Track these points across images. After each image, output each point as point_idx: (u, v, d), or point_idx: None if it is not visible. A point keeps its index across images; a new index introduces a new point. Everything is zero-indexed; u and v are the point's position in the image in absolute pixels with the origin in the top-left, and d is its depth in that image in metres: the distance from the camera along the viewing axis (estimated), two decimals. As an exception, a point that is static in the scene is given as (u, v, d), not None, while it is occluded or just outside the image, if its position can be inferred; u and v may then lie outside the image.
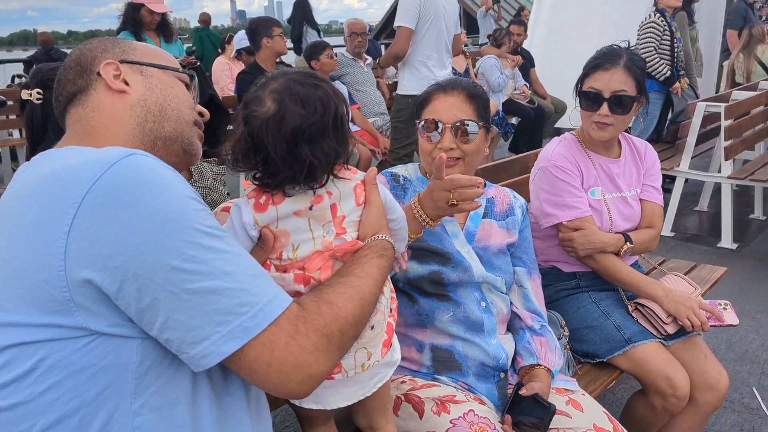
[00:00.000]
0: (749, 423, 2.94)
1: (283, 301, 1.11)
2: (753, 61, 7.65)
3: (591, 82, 2.29)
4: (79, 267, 0.99)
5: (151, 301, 1.01)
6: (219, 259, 1.05)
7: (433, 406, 1.77)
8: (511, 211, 2.08)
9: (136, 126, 1.27)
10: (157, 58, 1.37)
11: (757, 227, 5.70)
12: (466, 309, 1.89)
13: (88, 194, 1.00)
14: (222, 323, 1.04)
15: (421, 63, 4.86)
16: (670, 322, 2.24)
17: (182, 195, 1.05)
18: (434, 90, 1.96)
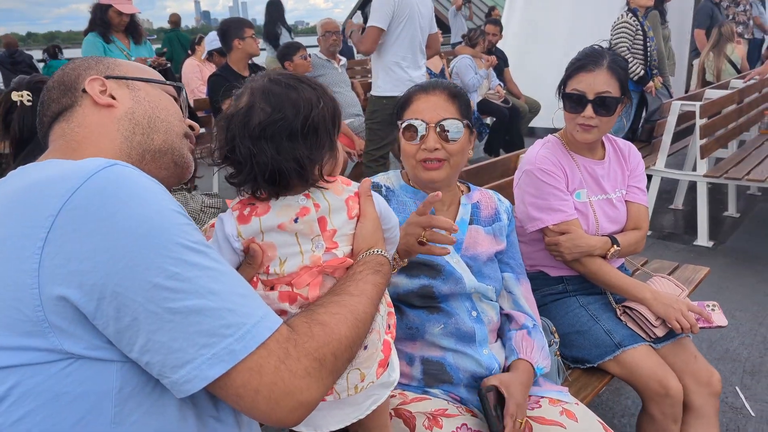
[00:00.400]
0: (734, 423, 2.93)
1: (272, 322, 1.04)
2: (723, 60, 7.75)
3: (574, 84, 2.25)
4: (54, 284, 0.92)
5: (130, 321, 0.94)
6: (204, 277, 0.98)
7: (424, 420, 1.71)
8: (497, 217, 2.03)
9: (123, 140, 1.22)
10: (143, 72, 1.33)
11: (732, 224, 5.75)
12: (458, 320, 1.84)
13: (64, 207, 0.94)
14: (206, 345, 0.96)
15: (396, 64, 4.83)
16: (659, 325, 2.21)
17: (165, 208, 0.99)
18: (415, 91, 1.91)
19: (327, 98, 1.28)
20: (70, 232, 0.93)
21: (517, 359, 1.88)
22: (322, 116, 1.24)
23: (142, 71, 1.34)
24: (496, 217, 2.03)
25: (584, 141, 2.29)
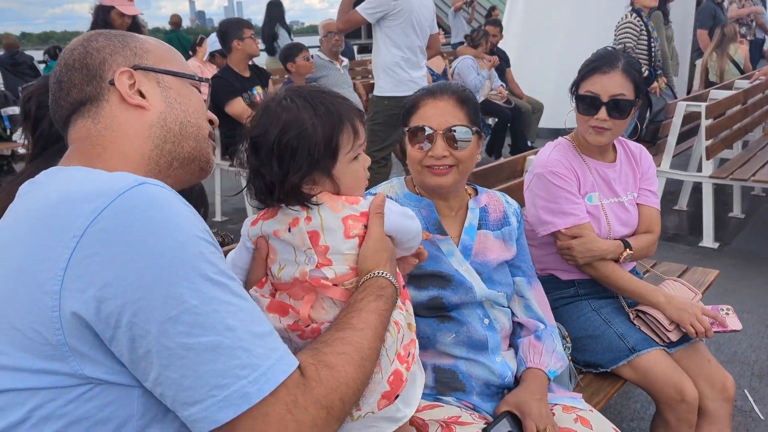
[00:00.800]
0: (743, 426, 2.91)
1: (287, 365, 0.99)
2: (726, 60, 7.74)
3: (588, 86, 2.22)
4: (74, 307, 0.90)
5: (144, 353, 0.92)
6: (222, 311, 0.94)
7: (437, 428, 1.68)
8: (506, 221, 2.00)
9: (153, 147, 1.16)
10: (172, 62, 1.24)
11: (737, 225, 5.72)
12: (470, 328, 1.81)
13: (89, 228, 0.91)
14: (218, 386, 0.92)
15: (396, 64, 4.81)
16: (673, 329, 2.19)
17: (191, 235, 0.96)
18: (423, 95, 1.86)
19: (327, 123, 1.27)
20: (94, 255, 0.90)
21: (526, 369, 1.86)
22: (306, 138, 1.24)
23: (171, 61, 1.24)
24: (505, 221, 1.99)
25: (597, 143, 2.26)
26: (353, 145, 1.30)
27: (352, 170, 1.32)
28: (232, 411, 0.93)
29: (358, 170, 1.34)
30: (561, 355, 1.92)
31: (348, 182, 1.32)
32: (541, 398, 1.76)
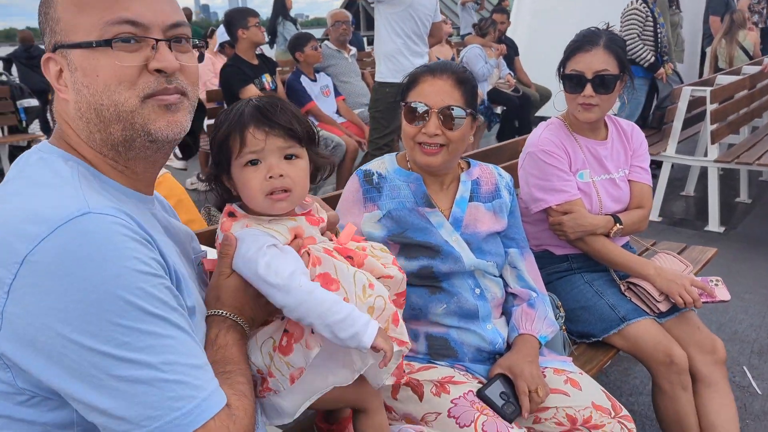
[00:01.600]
0: (740, 401, 2.96)
1: (220, 397, 1.02)
2: (735, 47, 7.73)
3: (573, 65, 2.29)
4: (11, 330, 0.93)
5: (76, 383, 0.94)
6: (158, 346, 0.95)
7: (432, 387, 1.77)
8: (498, 193, 2.04)
9: (88, 140, 1.10)
10: (80, 25, 1.05)
11: (743, 210, 5.74)
12: (460, 299, 1.87)
13: (27, 257, 0.91)
14: (151, 417, 0.94)
15: (398, 52, 4.83)
16: (662, 300, 2.25)
17: (128, 269, 0.94)
18: (423, 72, 1.89)
19: (227, 125, 1.33)
20: (30, 286, 0.92)
21: (518, 335, 1.92)
22: (215, 136, 1.35)
23: (77, 25, 1.05)
24: (497, 194, 2.03)
25: (586, 120, 2.32)
26: (240, 151, 1.30)
27: (241, 179, 1.33)
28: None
29: (248, 180, 1.31)
30: (552, 321, 1.99)
31: (240, 189, 1.34)
32: (532, 361, 1.84)
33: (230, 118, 1.32)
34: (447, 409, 1.71)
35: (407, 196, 1.91)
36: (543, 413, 1.79)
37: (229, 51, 7.23)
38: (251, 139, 1.30)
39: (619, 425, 1.77)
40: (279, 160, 1.31)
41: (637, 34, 5.95)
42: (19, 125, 7.93)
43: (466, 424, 1.66)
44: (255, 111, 1.32)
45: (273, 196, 1.31)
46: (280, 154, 1.32)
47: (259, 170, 1.31)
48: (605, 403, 1.80)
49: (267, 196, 1.31)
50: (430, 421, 1.73)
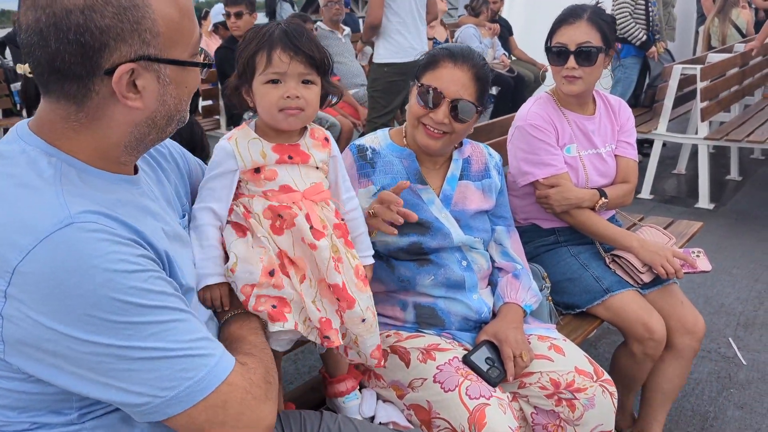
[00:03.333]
0: (725, 371, 3.04)
1: (228, 361, 1.10)
2: (728, 25, 7.74)
3: (557, 38, 2.34)
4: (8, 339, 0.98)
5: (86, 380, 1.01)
6: (162, 332, 1.02)
7: (418, 355, 1.83)
8: (487, 173, 2.08)
9: (133, 139, 1.13)
10: (180, 43, 1.10)
11: (733, 188, 5.81)
12: (447, 270, 1.92)
13: (18, 267, 0.96)
14: (167, 389, 1.02)
15: (396, 31, 4.84)
16: (645, 272, 2.31)
17: (117, 272, 0.99)
18: (445, 56, 1.87)
19: (254, 43, 1.50)
20: (25, 293, 0.96)
21: (503, 304, 1.98)
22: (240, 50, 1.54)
23: (179, 42, 1.10)
24: (486, 173, 2.08)
25: (570, 92, 2.37)
26: (264, 69, 1.47)
27: (260, 92, 1.49)
28: (180, 407, 1.03)
29: (267, 94, 1.48)
30: (536, 292, 2.05)
31: (257, 101, 1.51)
32: (517, 327, 1.90)
33: (259, 36, 1.49)
34: (432, 375, 1.76)
35: (400, 171, 1.94)
36: (527, 378, 1.85)
37: (223, 32, 7.24)
38: (277, 60, 1.46)
39: (601, 388, 1.84)
40: (297, 83, 1.48)
41: (629, 13, 5.96)
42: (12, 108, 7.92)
43: (451, 388, 1.72)
44: (283, 35, 1.47)
45: (286, 111, 1.48)
46: (299, 79, 1.48)
47: (278, 89, 1.48)
48: (587, 368, 1.86)
49: (280, 111, 1.48)
50: (417, 387, 1.79)
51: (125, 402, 1.03)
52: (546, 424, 1.86)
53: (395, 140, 2.00)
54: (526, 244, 2.53)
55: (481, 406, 1.67)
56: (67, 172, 1.06)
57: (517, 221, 2.60)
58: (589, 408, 1.82)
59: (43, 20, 0.98)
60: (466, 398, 1.69)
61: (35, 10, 0.99)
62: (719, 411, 2.75)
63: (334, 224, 1.52)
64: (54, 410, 1.06)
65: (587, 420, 1.82)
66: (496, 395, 1.72)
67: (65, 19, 0.98)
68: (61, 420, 1.07)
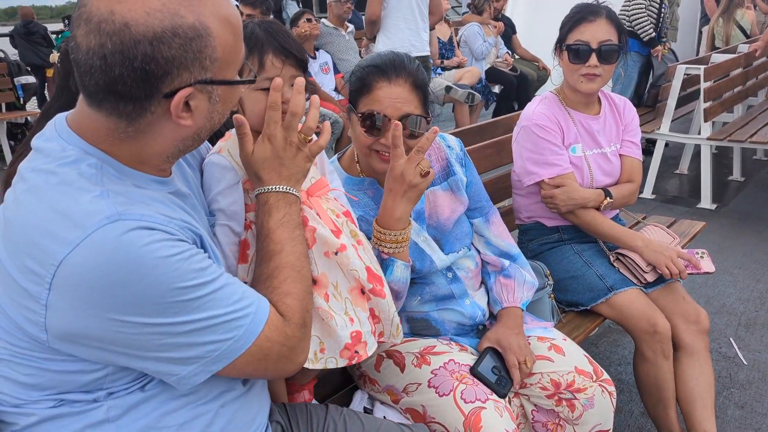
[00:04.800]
0: (726, 370, 3.05)
1: (263, 312, 1.17)
2: (732, 26, 7.72)
3: (577, 35, 2.31)
4: (56, 320, 1.03)
5: (137, 357, 1.08)
6: (204, 305, 1.08)
7: (413, 359, 1.82)
8: (451, 170, 1.96)
9: (176, 152, 1.17)
10: (233, 63, 1.13)
11: (736, 188, 5.81)
12: (433, 287, 1.90)
13: (65, 260, 1.00)
14: (211, 351, 1.11)
15: (395, 27, 4.82)
16: (649, 271, 2.32)
17: (161, 258, 1.04)
18: (376, 76, 1.71)
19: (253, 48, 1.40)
20: (71, 285, 1.01)
21: (501, 309, 1.97)
22: None
23: (232, 63, 1.13)
24: (450, 170, 1.96)
25: (589, 91, 2.36)
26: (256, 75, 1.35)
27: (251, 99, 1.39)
28: (224, 363, 1.12)
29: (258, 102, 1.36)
30: (530, 283, 2.03)
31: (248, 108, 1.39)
32: (518, 333, 1.90)
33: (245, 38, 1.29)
34: (427, 380, 1.75)
35: (368, 203, 1.85)
36: (528, 378, 1.85)
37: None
38: (270, 66, 1.38)
39: (600, 388, 1.84)
40: (288, 87, 1.36)
41: (644, 6, 5.99)
42: (16, 102, 7.94)
43: (445, 393, 1.71)
44: (269, 36, 1.39)
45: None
46: (290, 82, 1.36)
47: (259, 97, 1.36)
48: (587, 368, 1.86)
49: None
50: (412, 391, 1.78)
51: (171, 372, 1.10)
52: (546, 423, 1.87)
53: (350, 171, 1.89)
54: (529, 242, 2.56)
55: (476, 410, 1.67)
56: (107, 171, 1.09)
57: (521, 219, 2.61)
58: (588, 408, 1.82)
59: (109, 47, 1.00)
60: (461, 402, 1.69)
61: (99, 35, 1.00)
62: (720, 410, 2.75)
63: (343, 212, 1.50)
64: (85, 389, 1.11)
65: (586, 419, 1.83)
66: (492, 398, 1.71)
67: (133, 48, 1.00)
68: (88, 398, 1.12)
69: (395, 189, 1.64)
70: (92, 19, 1.00)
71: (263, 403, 1.36)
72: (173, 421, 1.16)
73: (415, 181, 1.62)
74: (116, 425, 1.12)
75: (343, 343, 1.39)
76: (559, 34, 2.39)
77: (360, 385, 1.93)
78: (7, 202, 1.11)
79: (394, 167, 1.63)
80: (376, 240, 1.69)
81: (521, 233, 2.63)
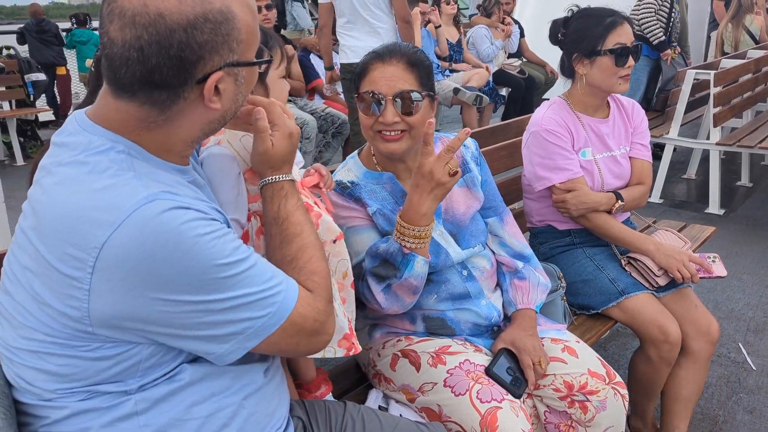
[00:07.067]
0: (735, 375, 3.05)
1: (293, 290, 1.21)
2: (741, 31, 7.72)
3: (615, 38, 2.30)
4: (100, 304, 1.05)
5: (180, 335, 1.12)
6: (239, 283, 1.12)
7: (429, 359, 1.83)
8: (466, 167, 2.00)
9: (201, 135, 1.20)
10: (254, 43, 1.19)
11: (744, 194, 5.81)
12: (448, 285, 1.91)
13: (107, 242, 1.02)
14: (248, 327, 1.14)
15: (342, 34, 4.74)
16: (661, 275, 2.32)
17: (199, 236, 1.07)
18: (372, 59, 1.82)
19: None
20: (115, 266, 1.03)
21: (516, 311, 1.98)
22: None
23: (253, 43, 1.19)
24: (466, 167, 1.99)
25: (624, 92, 2.38)
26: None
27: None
28: (258, 340, 1.16)
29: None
30: (544, 286, 2.05)
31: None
32: (533, 334, 1.91)
33: None
34: (443, 380, 1.76)
35: (386, 198, 1.89)
36: (542, 380, 1.86)
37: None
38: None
39: (613, 391, 1.85)
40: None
41: (654, 10, 6.00)
42: (26, 99, 7.99)
43: (461, 392, 1.72)
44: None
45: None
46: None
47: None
48: (600, 370, 1.87)
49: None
50: (427, 390, 1.79)
51: (209, 350, 1.14)
52: (558, 424, 1.87)
53: (368, 166, 1.94)
54: (541, 245, 2.56)
55: (493, 410, 1.67)
56: (135, 157, 1.12)
57: (532, 222, 2.62)
58: (600, 410, 1.83)
59: (146, 38, 1.03)
60: (477, 402, 1.69)
61: (135, 28, 1.03)
62: (728, 415, 2.76)
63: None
64: (116, 380, 1.13)
65: (599, 422, 1.83)
66: (507, 398, 1.72)
67: (169, 37, 1.04)
68: (118, 389, 1.14)
69: (422, 185, 1.67)
70: (126, 12, 1.03)
71: (283, 397, 1.38)
72: (199, 413, 1.19)
73: (443, 179, 1.66)
74: (145, 417, 1.14)
75: (342, 333, 1.44)
76: (583, 42, 2.34)
77: (375, 384, 1.94)
78: (33, 197, 1.13)
79: (423, 164, 1.67)
80: (398, 234, 1.72)
81: (532, 236, 2.63)
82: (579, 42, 2.37)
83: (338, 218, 1.84)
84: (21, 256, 1.10)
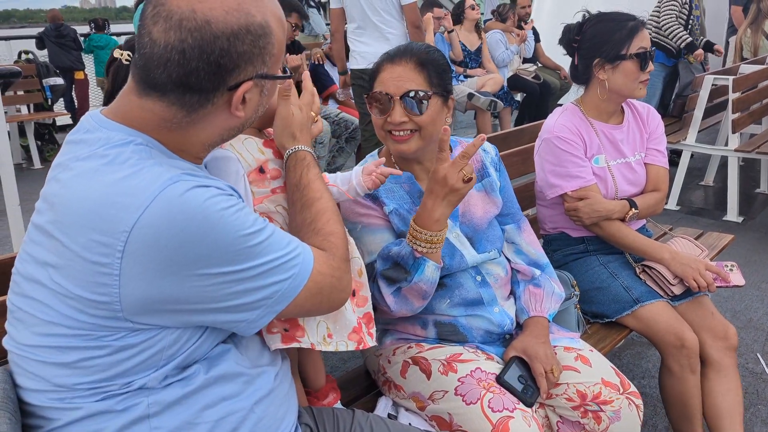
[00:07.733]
0: (753, 386, 3.00)
1: (308, 251, 1.26)
2: (760, 36, 7.62)
3: (638, 43, 2.28)
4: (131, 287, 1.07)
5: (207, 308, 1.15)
6: (263, 251, 1.16)
7: (439, 366, 1.81)
8: (485, 171, 2.01)
9: (218, 140, 1.25)
10: (281, 57, 1.24)
11: (763, 201, 5.72)
12: (462, 290, 1.89)
13: (137, 224, 1.05)
14: (275, 291, 1.19)
15: (353, 40, 4.73)
16: (676, 284, 2.29)
17: (224, 210, 1.11)
18: (383, 60, 1.85)
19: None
20: (145, 247, 1.05)
21: (528, 318, 1.96)
22: None
23: (280, 56, 1.24)
24: (485, 172, 2.00)
25: (643, 96, 2.35)
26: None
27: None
28: (285, 302, 1.21)
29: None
30: (558, 295, 2.02)
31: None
32: (545, 342, 1.88)
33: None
34: (454, 388, 1.74)
35: (403, 197, 1.90)
36: (555, 389, 1.83)
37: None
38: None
39: (627, 401, 1.81)
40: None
41: (675, 15, 5.96)
42: (44, 103, 8.06)
43: (473, 401, 1.70)
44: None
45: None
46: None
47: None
48: (614, 380, 1.83)
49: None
50: (438, 399, 1.77)
51: (240, 319, 1.18)
52: (571, 434, 1.85)
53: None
54: (554, 252, 2.53)
55: (504, 419, 1.65)
56: (153, 148, 1.16)
57: (545, 229, 2.59)
58: (615, 420, 1.79)
59: (189, 42, 1.09)
60: (488, 411, 1.67)
61: (180, 31, 1.08)
62: (746, 427, 2.70)
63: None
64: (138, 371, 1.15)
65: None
66: (519, 407, 1.69)
67: (212, 43, 1.10)
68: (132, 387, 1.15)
69: (436, 191, 1.67)
70: (173, 16, 1.09)
71: (292, 403, 1.38)
72: (209, 417, 1.20)
73: (457, 185, 1.65)
74: (157, 420, 1.15)
75: (351, 327, 1.47)
76: (605, 46, 2.31)
77: (384, 391, 1.92)
78: (49, 192, 1.14)
79: (437, 170, 1.66)
80: (411, 238, 1.72)
81: (546, 243, 2.60)
82: (600, 47, 2.32)
83: (354, 215, 1.88)
84: (37, 252, 1.11)
